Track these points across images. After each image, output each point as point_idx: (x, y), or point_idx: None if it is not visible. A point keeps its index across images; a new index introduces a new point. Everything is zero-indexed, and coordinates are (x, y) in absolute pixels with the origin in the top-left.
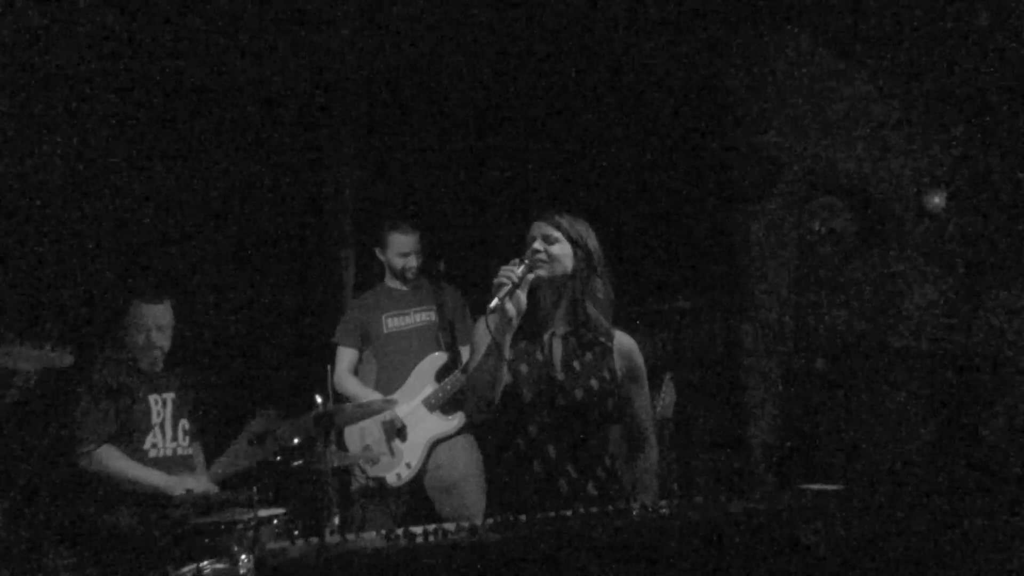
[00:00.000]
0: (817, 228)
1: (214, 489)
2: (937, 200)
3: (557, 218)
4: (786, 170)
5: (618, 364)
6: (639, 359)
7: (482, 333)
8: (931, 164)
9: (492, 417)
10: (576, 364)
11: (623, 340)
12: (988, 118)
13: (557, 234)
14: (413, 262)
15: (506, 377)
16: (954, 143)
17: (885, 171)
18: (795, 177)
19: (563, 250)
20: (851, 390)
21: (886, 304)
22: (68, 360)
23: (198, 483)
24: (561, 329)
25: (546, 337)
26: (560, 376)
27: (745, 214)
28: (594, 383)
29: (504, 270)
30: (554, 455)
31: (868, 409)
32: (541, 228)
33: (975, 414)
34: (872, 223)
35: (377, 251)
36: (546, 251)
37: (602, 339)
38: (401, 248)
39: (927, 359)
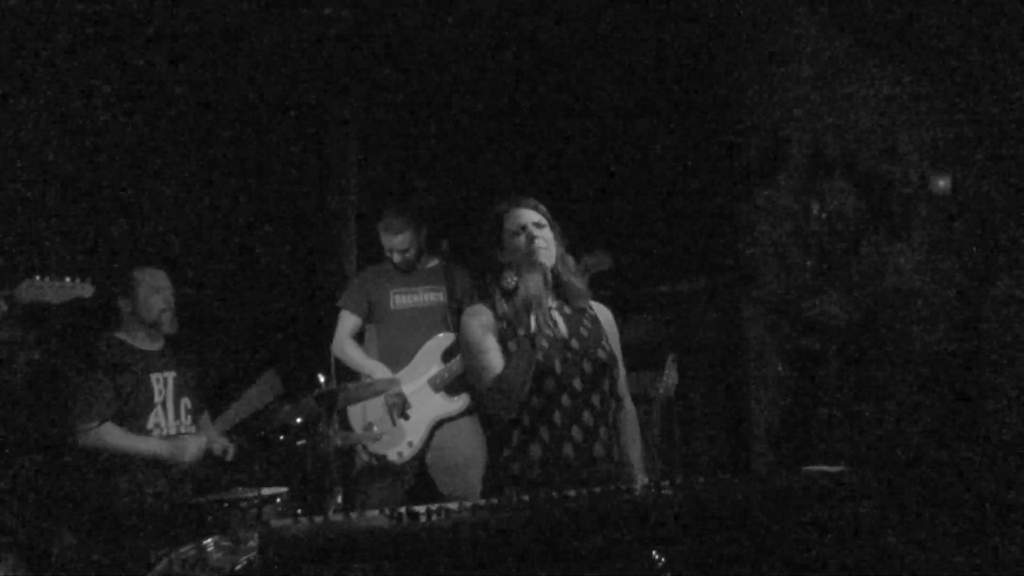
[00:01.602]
0: (819, 211)
1: (224, 441)
2: (943, 184)
3: (534, 202)
4: (792, 152)
5: (606, 328)
6: (615, 323)
7: (476, 331)
8: (938, 147)
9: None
10: (583, 331)
11: (600, 308)
12: (995, 101)
13: (544, 220)
14: (410, 255)
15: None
16: (962, 126)
17: (892, 153)
18: (801, 159)
19: (550, 234)
20: (852, 373)
21: (889, 290)
22: (90, 291)
23: (200, 444)
24: (554, 303)
25: (547, 311)
26: (576, 344)
27: (750, 196)
28: (605, 345)
29: (530, 282)
30: (591, 421)
31: (869, 392)
32: (526, 216)
33: (979, 405)
34: (879, 206)
35: (379, 228)
36: (543, 237)
37: (587, 308)
38: (390, 245)
39: (931, 350)
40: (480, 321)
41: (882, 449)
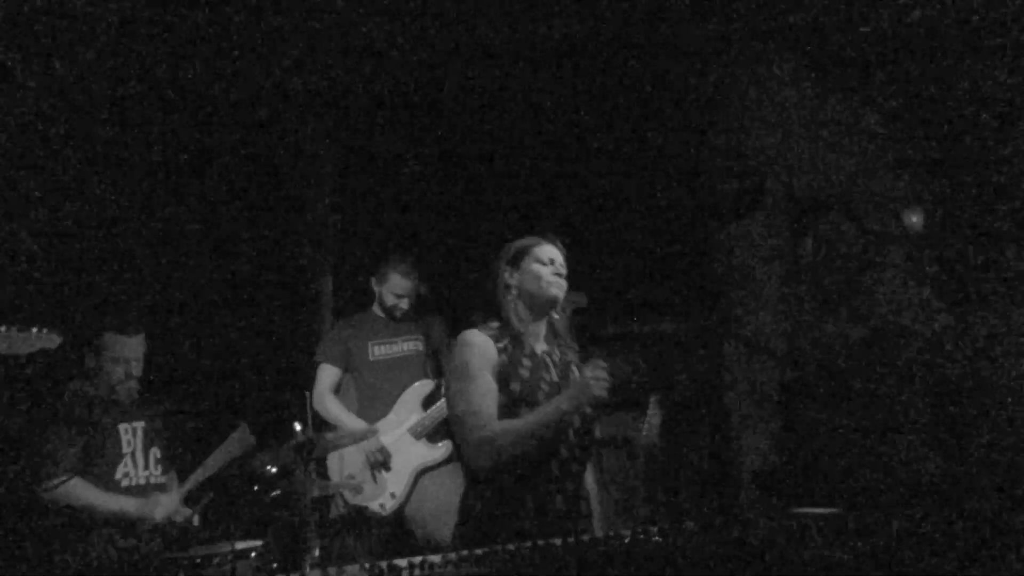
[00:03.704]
0: (811, 246)
1: (186, 511)
2: (915, 219)
3: (558, 239)
4: (769, 189)
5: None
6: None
7: (477, 357)
8: (912, 184)
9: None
10: (573, 376)
11: (573, 354)
12: (966, 139)
13: (562, 259)
14: (405, 304)
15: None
16: (934, 164)
17: (868, 190)
18: (778, 195)
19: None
20: (844, 409)
21: (880, 322)
22: (56, 341)
23: (171, 502)
24: (540, 347)
25: (539, 354)
26: None
27: (728, 233)
28: None
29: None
30: (578, 469)
31: (862, 428)
32: (557, 253)
33: (965, 436)
34: (872, 242)
35: (373, 281)
36: (564, 279)
37: (571, 359)
38: (397, 289)
39: (923, 381)
40: (483, 350)
41: (877, 487)
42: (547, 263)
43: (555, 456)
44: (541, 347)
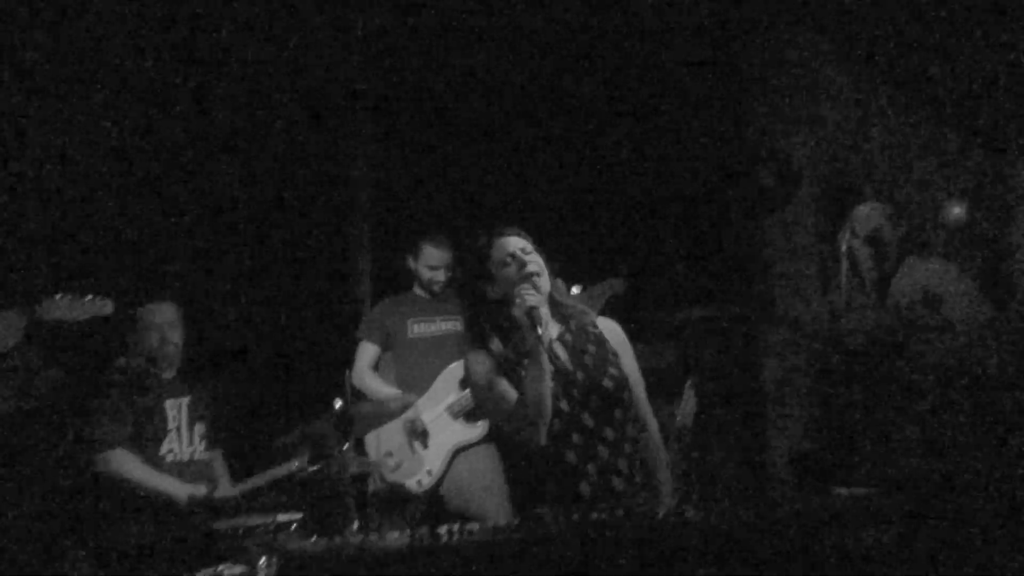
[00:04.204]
0: (853, 233)
1: (232, 491)
2: (958, 211)
3: (516, 229)
4: (807, 177)
5: (613, 345)
6: (623, 335)
7: (482, 374)
8: (953, 174)
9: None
10: (587, 359)
11: (605, 323)
12: (1011, 125)
13: (529, 245)
14: (441, 276)
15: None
16: (975, 153)
17: (908, 179)
18: (816, 183)
19: (539, 258)
20: (882, 395)
21: (923, 312)
22: (109, 308)
23: (218, 488)
24: (553, 332)
25: (547, 344)
26: (580, 376)
27: (765, 220)
28: (612, 370)
29: (524, 293)
30: (606, 455)
31: (900, 413)
32: (513, 243)
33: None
34: (910, 231)
35: (408, 259)
36: (535, 262)
37: (591, 328)
38: (431, 261)
39: (964, 372)
40: (482, 366)
41: (914, 473)
42: (508, 261)
43: (569, 445)
44: (552, 332)
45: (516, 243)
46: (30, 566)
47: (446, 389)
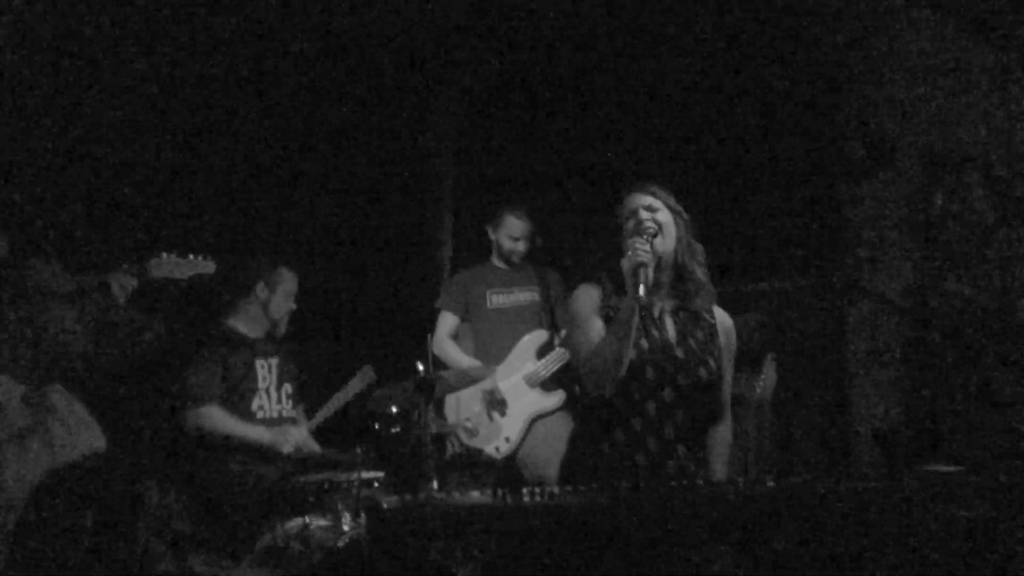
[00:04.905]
0: (944, 204)
1: (314, 445)
2: None
3: (652, 187)
4: (899, 148)
5: (722, 341)
6: (734, 337)
7: (586, 305)
8: None
9: (609, 395)
10: (692, 342)
11: (723, 317)
12: None
13: (657, 203)
14: (521, 247)
15: (631, 353)
16: None
17: (1005, 148)
18: (911, 151)
19: (666, 218)
20: (975, 369)
21: (1016, 282)
22: (212, 268)
23: (300, 435)
24: (669, 304)
25: (656, 313)
26: (680, 354)
27: (855, 191)
28: (711, 362)
29: (638, 247)
30: (672, 435)
31: (991, 389)
32: (639, 199)
33: None
34: (1003, 200)
35: (488, 229)
36: (653, 220)
37: (706, 315)
38: (512, 231)
39: None
40: (589, 298)
41: (1007, 449)
42: (630, 216)
43: (640, 412)
44: (666, 305)
45: (642, 200)
46: (126, 516)
47: (523, 358)
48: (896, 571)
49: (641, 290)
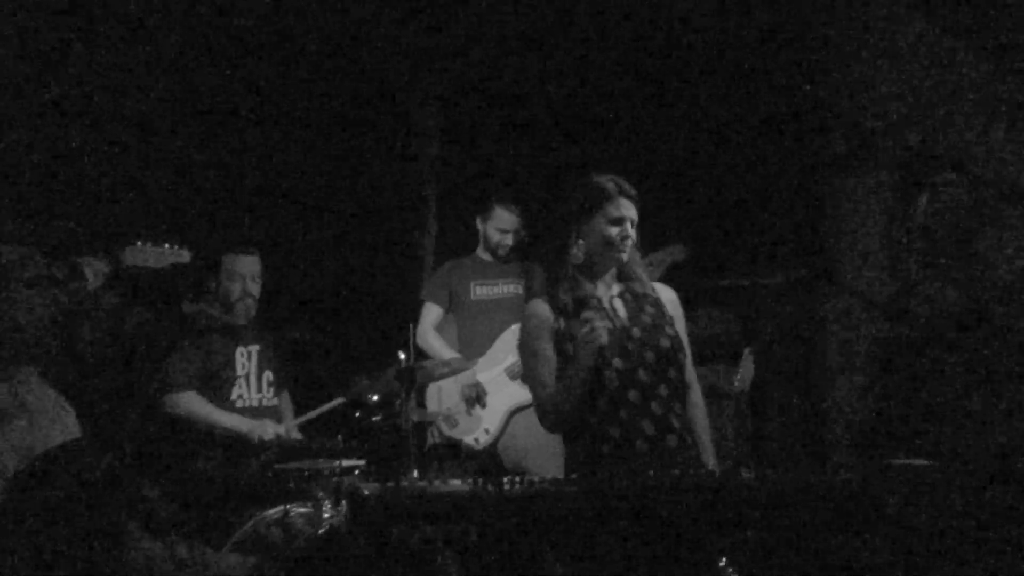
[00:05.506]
0: (928, 203)
1: (296, 435)
2: None
3: (637, 197)
4: (882, 142)
5: (670, 310)
6: (680, 306)
7: (536, 331)
8: None
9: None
10: (645, 318)
11: (663, 289)
12: None
13: (636, 218)
14: (509, 240)
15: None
16: None
17: (986, 150)
18: (891, 149)
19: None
20: (948, 367)
21: (996, 282)
22: (186, 257)
23: (277, 428)
24: (615, 289)
25: (606, 302)
26: (637, 333)
27: (835, 187)
28: (669, 330)
29: (597, 327)
30: (660, 412)
31: (966, 385)
32: (628, 209)
33: None
34: (988, 203)
35: (477, 220)
36: (632, 238)
37: (649, 291)
38: (502, 224)
39: None
40: (540, 321)
41: (981, 445)
42: (619, 222)
43: (624, 403)
44: (613, 291)
45: (632, 212)
46: (104, 503)
47: (504, 350)
48: (869, 561)
49: (588, 328)
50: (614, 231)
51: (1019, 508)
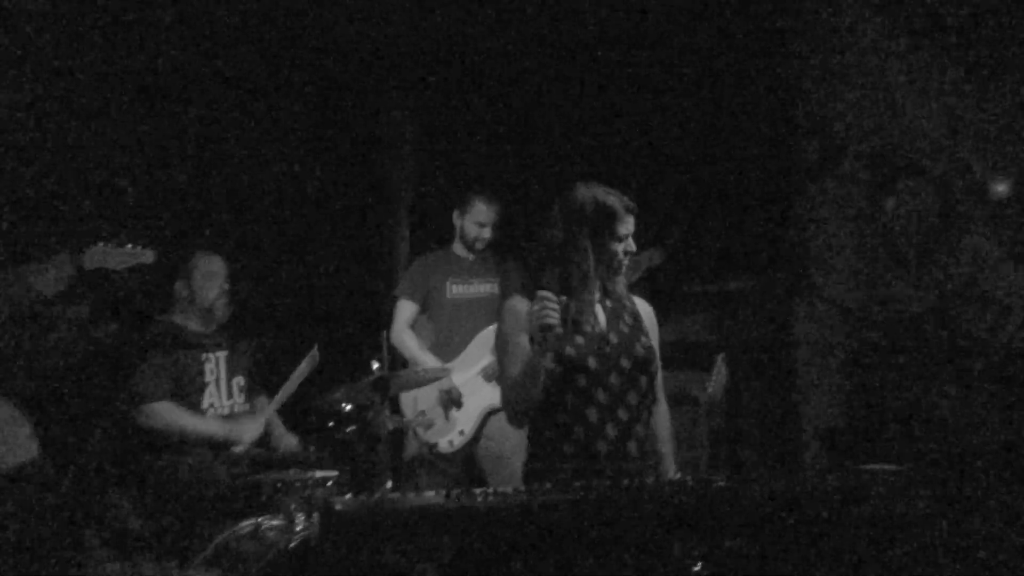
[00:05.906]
0: (894, 208)
1: (291, 440)
2: (1002, 188)
3: (636, 211)
4: (850, 149)
5: (646, 322)
6: (655, 321)
7: (511, 325)
8: (1000, 154)
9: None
10: (622, 326)
11: (640, 302)
12: None
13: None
14: (486, 234)
15: (571, 351)
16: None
17: (953, 156)
18: (860, 155)
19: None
20: (917, 372)
21: (964, 289)
22: (151, 257)
23: (257, 427)
24: (596, 296)
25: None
26: (614, 339)
27: (805, 193)
28: (644, 340)
29: (548, 308)
30: (626, 417)
31: (934, 392)
32: (631, 225)
33: None
34: (953, 206)
35: (455, 214)
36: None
37: (627, 302)
38: (480, 217)
39: (1004, 351)
40: (515, 316)
41: (949, 448)
42: (623, 239)
43: (592, 402)
44: (594, 297)
45: (631, 227)
46: (78, 514)
47: (480, 352)
48: (838, 565)
49: (548, 359)
50: (619, 248)
51: (991, 509)
